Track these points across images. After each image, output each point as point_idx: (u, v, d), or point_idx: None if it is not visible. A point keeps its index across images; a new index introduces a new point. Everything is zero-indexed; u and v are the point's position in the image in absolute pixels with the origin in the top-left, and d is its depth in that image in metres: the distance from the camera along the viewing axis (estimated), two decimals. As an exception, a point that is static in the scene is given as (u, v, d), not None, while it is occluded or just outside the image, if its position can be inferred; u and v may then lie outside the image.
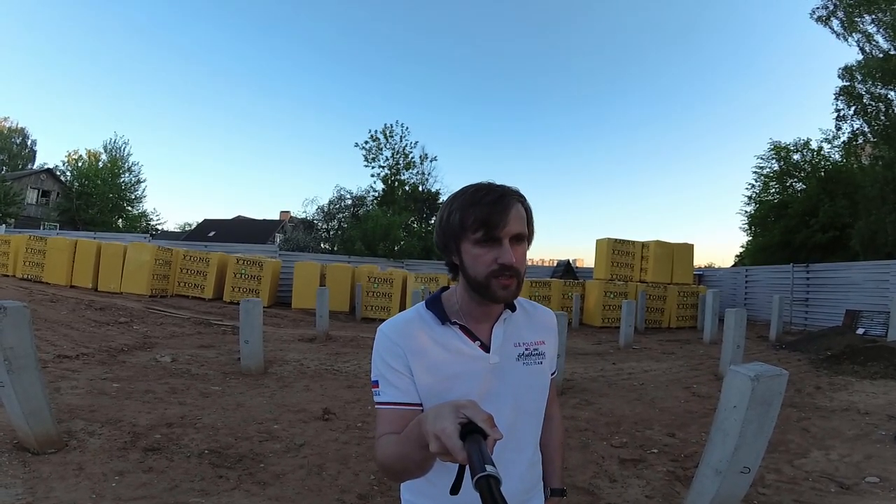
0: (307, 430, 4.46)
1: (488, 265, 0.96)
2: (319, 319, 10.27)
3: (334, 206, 30.79)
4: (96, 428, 4.12)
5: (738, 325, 7.37)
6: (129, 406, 4.81)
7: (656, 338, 12.90)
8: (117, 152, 40.03)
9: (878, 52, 14.91)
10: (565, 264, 21.15)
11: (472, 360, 1.04)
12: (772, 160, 22.05)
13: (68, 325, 9.13)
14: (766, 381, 2.67)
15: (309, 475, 3.52)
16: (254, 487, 3.29)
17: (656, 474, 3.84)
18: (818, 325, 13.66)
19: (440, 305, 1.08)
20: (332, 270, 16.05)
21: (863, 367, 7.92)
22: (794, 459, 4.16)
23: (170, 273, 15.67)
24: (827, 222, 18.00)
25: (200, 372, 6.54)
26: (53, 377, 5.58)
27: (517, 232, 0.98)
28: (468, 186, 1.03)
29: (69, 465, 3.38)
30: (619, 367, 8.24)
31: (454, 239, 1.01)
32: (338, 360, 7.93)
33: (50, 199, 39.00)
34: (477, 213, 0.96)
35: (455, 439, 0.65)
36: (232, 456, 3.76)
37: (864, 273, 13.47)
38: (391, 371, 1.00)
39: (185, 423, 4.46)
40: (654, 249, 15.97)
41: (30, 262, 15.47)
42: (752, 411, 2.68)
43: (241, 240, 27.30)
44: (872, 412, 5.58)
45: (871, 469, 3.92)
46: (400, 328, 1.05)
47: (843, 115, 16.08)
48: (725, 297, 18.62)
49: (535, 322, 1.16)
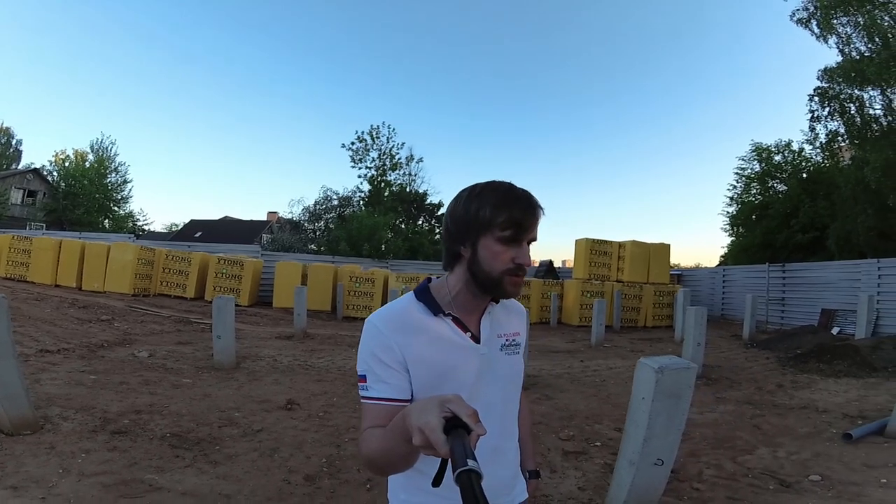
0: (268, 419, 4.66)
1: (506, 263, 0.99)
2: (297, 318, 10.42)
3: (320, 207, 30.89)
4: (70, 413, 4.38)
5: (699, 323, 7.54)
6: (103, 395, 5.05)
7: (630, 336, 13.12)
8: (104, 152, 39.90)
9: (855, 53, 15.17)
10: (547, 264, 21.41)
11: (465, 350, 1.05)
12: (753, 161, 22.15)
13: (51, 323, 9.27)
14: (671, 373, 2.70)
15: (261, 457, 3.73)
16: (206, 466, 3.52)
17: (594, 466, 3.96)
18: (794, 324, 13.89)
19: (430, 296, 1.08)
20: (314, 270, 16.18)
21: (828, 366, 8.03)
22: (739, 456, 4.20)
23: (152, 273, 15.77)
24: (807, 223, 18.12)
25: (175, 366, 6.72)
26: (35, 369, 5.84)
27: (534, 236, 1.02)
28: (496, 184, 1.04)
29: (42, 445, 3.66)
30: (585, 365, 8.42)
31: (476, 232, 1.01)
32: (312, 356, 8.10)
33: (36, 199, 38.71)
34: (512, 213, 0.98)
35: (438, 433, 0.65)
36: (191, 439, 3.99)
37: (838, 273, 13.76)
38: (381, 365, 0.99)
39: (153, 410, 4.68)
40: (631, 249, 16.20)
41: (14, 262, 15.50)
42: (660, 403, 2.71)
43: (228, 240, 27.31)
44: (830, 410, 5.66)
45: (817, 467, 3.93)
46: (392, 320, 1.04)
47: (817, 116, 16.34)
48: (704, 297, 18.95)
49: (512, 314, 1.20)
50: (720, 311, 18.26)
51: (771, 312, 15.49)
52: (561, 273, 21.35)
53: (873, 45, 14.63)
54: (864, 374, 7.45)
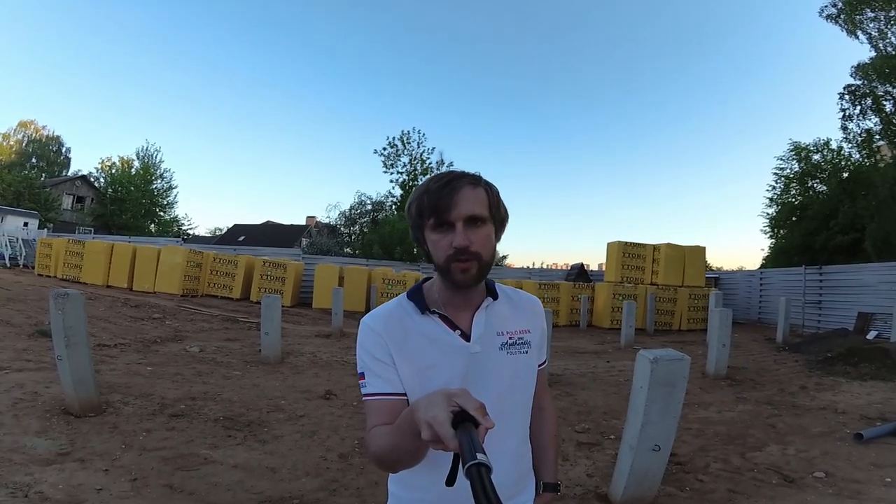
0: (309, 406, 5.17)
1: (446, 250, 0.97)
2: (335, 317, 10.96)
3: (355, 212, 31.67)
4: (131, 399, 4.88)
5: (723, 325, 7.62)
6: (160, 384, 5.56)
7: (662, 339, 13.09)
8: (149, 159, 41.49)
9: (891, 48, 14.79)
10: (578, 268, 21.39)
11: (452, 348, 1.03)
12: (792, 161, 21.71)
13: (106, 320, 9.88)
14: (665, 363, 2.96)
15: (303, 438, 4.23)
16: (255, 444, 4.01)
17: (605, 456, 4.17)
18: (831, 327, 13.48)
19: (421, 295, 1.08)
20: (350, 273, 16.80)
21: (855, 368, 7.89)
22: (748, 452, 4.26)
23: (200, 274, 16.62)
24: (847, 224, 17.66)
25: (225, 360, 7.25)
26: (95, 361, 6.25)
27: (470, 214, 0.97)
28: (428, 176, 1.05)
29: (105, 425, 4.11)
30: (611, 365, 8.57)
31: (418, 229, 1.03)
32: (348, 353, 8.55)
33: (84, 204, 40.47)
34: (427, 199, 0.97)
35: (447, 427, 0.65)
36: (242, 422, 4.50)
37: (877, 275, 13.36)
38: (376, 362, 1.01)
39: (207, 397, 5.20)
40: (665, 252, 16.14)
41: (69, 264, 16.64)
42: (654, 391, 2.96)
43: (269, 244, 28.13)
44: (849, 412, 5.62)
45: (823, 465, 3.96)
46: (381, 319, 1.05)
47: (848, 115, 15.97)
48: (741, 300, 18.59)
49: (520, 310, 1.15)
50: (757, 314, 17.91)
51: (807, 316, 15.16)
52: (595, 277, 21.34)
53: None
54: (893, 377, 7.29)
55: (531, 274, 23.16)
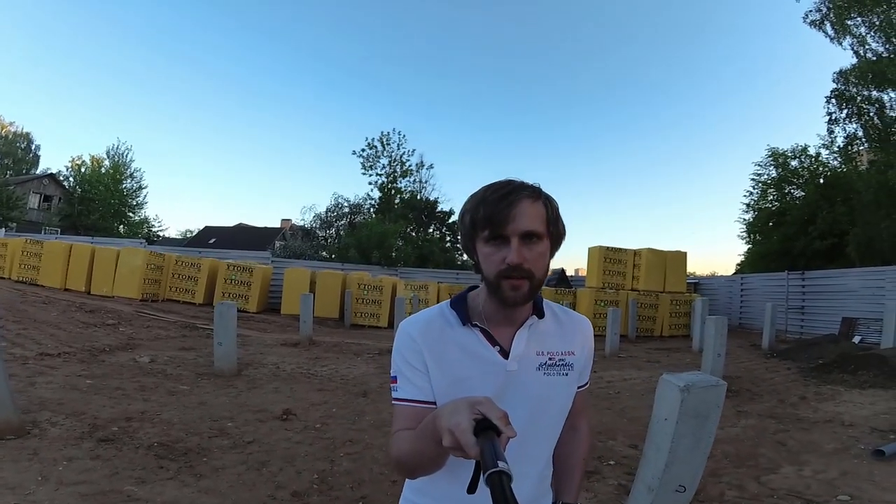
0: (261, 429, 4.49)
1: (497, 265, 0.93)
2: (303, 325, 10.27)
3: (332, 214, 30.93)
4: (60, 419, 4.33)
5: (720, 333, 7.28)
6: (96, 401, 4.98)
7: (646, 346, 12.81)
8: (120, 158, 40.40)
9: (871, 54, 14.86)
10: (559, 273, 21.06)
11: (489, 364, 1.00)
12: (770, 167, 21.84)
13: (56, 326, 9.26)
14: (698, 391, 2.43)
15: (248, 470, 3.56)
16: (189, 479, 3.37)
17: (607, 487, 3.73)
18: (814, 333, 13.49)
19: (464, 305, 1.05)
20: (323, 277, 16.12)
21: (852, 376, 7.73)
22: (763, 475, 3.97)
23: (161, 278, 15.78)
24: (826, 229, 17.80)
25: (175, 372, 6.62)
26: (32, 372, 5.83)
27: (527, 230, 0.92)
28: (485, 186, 0.99)
29: (25, 451, 3.58)
30: (599, 376, 8.14)
31: (470, 239, 0.99)
32: (316, 364, 7.93)
33: (52, 203, 39.33)
34: (483, 210, 0.93)
35: (469, 435, 0.64)
36: (178, 449, 3.84)
37: (860, 280, 13.29)
38: (410, 368, 0.99)
39: (144, 417, 4.57)
40: (647, 257, 15.89)
41: (25, 265, 15.58)
42: (684, 425, 2.45)
43: (241, 247, 27.26)
44: (857, 424, 5.38)
45: (845, 487, 3.71)
46: (420, 325, 1.03)
47: (835, 119, 16.01)
48: (721, 305, 18.53)
49: (567, 331, 1.11)
50: (738, 319, 17.78)
51: (790, 321, 15.07)
52: (574, 282, 21.02)
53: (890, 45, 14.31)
54: (892, 384, 7.09)
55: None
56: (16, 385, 4.72)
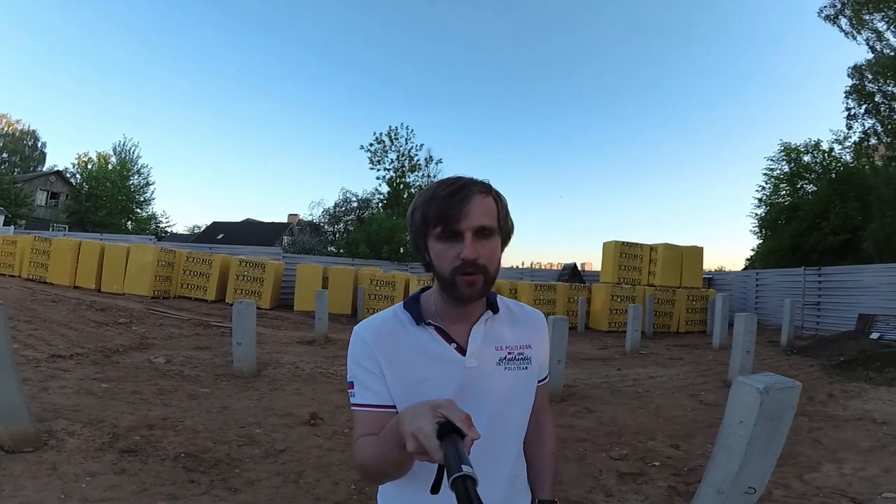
0: (290, 436, 4.31)
1: (451, 261, 0.92)
2: (318, 322, 10.11)
3: (340, 209, 30.75)
4: (77, 428, 4.07)
5: (748, 331, 7.10)
6: (114, 406, 4.75)
7: (664, 342, 12.62)
8: (127, 154, 40.47)
9: (888, 49, 14.62)
10: (571, 268, 20.90)
11: (446, 363, 0.98)
12: (782, 162, 21.73)
13: (67, 325, 9.08)
14: (776, 393, 2.39)
15: (285, 482, 3.36)
16: (224, 493, 3.16)
17: (656, 490, 3.61)
18: (830, 329, 13.31)
19: (417, 306, 1.04)
20: (335, 273, 15.97)
21: (878, 374, 7.64)
22: (805, 474, 3.92)
23: (172, 275, 15.64)
24: (838, 225, 17.65)
25: (192, 374, 6.45)
26: (44, 376, 5.57)
27: (480, 225, 0.91)
28: (433, 183, 0.99)
29: (43, 465, 3.33)
30: (623, 374, 7.99)
31: (421, 237, 0.98)
32: (334, 363, 7.78)
33: (59, 200, 39.30)
34: (435, 207, 0.92)
35: (432, 439, 0.64)
36: (207, 460, 3.64)
37: (878, 276, 13.05)
38: (365, 372, 0.97)
39: (167, 425, 4.36)
40: (663, 252, 15.70)
41: (35, 263, 15.49)
42: (760, 427, 2.41)
43: (249, 242, 27.15)
44: (890, 421, 5.31)
45: (889, 484, 3.67)
46: (373, 329, 1.01)
47: (853, 114, 15.75)
48: (735, 300, 18.24)
49: (521, 324, 1.10)
50: (754, 315, 17.57)
51: (806, 317, 14.83)
52: (584, 276, 20.85)
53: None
54: None
55: (523, 274, 22.60)
56: (29, 391, 4.50)
